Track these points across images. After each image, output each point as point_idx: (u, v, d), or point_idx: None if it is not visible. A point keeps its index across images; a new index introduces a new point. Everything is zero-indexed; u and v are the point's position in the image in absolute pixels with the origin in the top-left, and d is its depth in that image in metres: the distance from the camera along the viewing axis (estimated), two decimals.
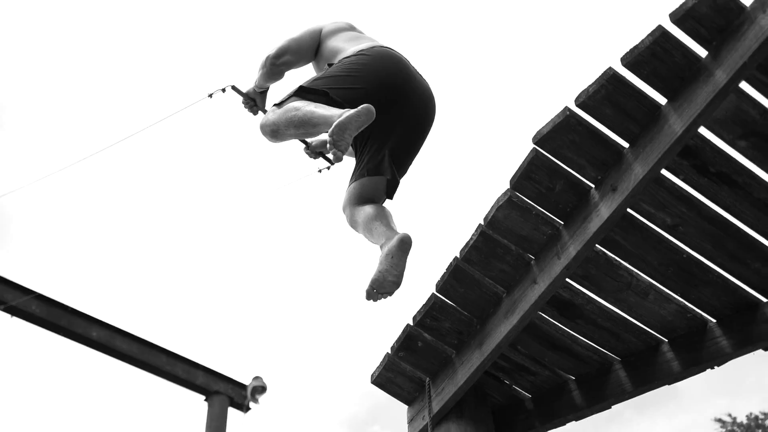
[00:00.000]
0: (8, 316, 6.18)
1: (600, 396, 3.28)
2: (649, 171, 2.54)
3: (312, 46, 2.97)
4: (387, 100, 2.52)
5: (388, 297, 2.31)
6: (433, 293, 3.10)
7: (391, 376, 3.35)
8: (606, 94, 2.56)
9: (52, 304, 6.49)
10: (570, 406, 3.33)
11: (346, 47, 2.78)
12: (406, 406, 3.46)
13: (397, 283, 2.28)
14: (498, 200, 2.83)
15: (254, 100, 3.11)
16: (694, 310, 3.13)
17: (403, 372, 3.33)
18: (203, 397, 7.47)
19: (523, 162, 2.75)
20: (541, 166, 2.74)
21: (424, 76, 2.73)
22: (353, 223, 2.56)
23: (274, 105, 2.52)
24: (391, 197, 2.61)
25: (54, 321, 6.44)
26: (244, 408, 7.59)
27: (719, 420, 15.68)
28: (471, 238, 2.93)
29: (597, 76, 2.55)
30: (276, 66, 2.95)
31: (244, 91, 3.12)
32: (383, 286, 2.26)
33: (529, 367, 3.33)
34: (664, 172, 2.74)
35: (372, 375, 3.37)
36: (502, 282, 3.01)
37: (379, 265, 2.27)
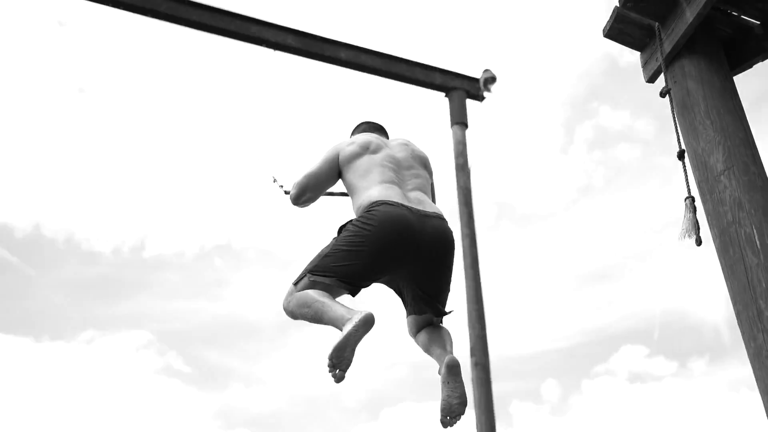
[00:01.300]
0: (271, 50, 7.19)
1: None
2: None
3: (332, 175, 3.09)
4: (399, 258, 2.72)
5: (462, 417, 2.59)
6: None
7: (621, 27, 3.69)
8: None
9: (305, 36, 7.39)
10: None
11: (359, 187, 2.91)
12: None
13: (463, 403, 2.57)
14: None
15: None
16: None
17: (632, 21, 3.65)
18: (443, 94, 8.30)
19: None
20: None
21: (432, 210, 2.82)
22: (422, 348, 2.91)
23: (293, 284, 2.78)
24: (445, 316, 2.91)
25: (308, 49, 7.38)
26: (480, 98, 8.33)
27: None
28: None
29: None
30: (299, 205, 3.15)
31: None
32: (452, 410, 2.57)
33: None
34: None
35: (603, 29, 3.72)
36: None
37: (442, 393, 2.58)
